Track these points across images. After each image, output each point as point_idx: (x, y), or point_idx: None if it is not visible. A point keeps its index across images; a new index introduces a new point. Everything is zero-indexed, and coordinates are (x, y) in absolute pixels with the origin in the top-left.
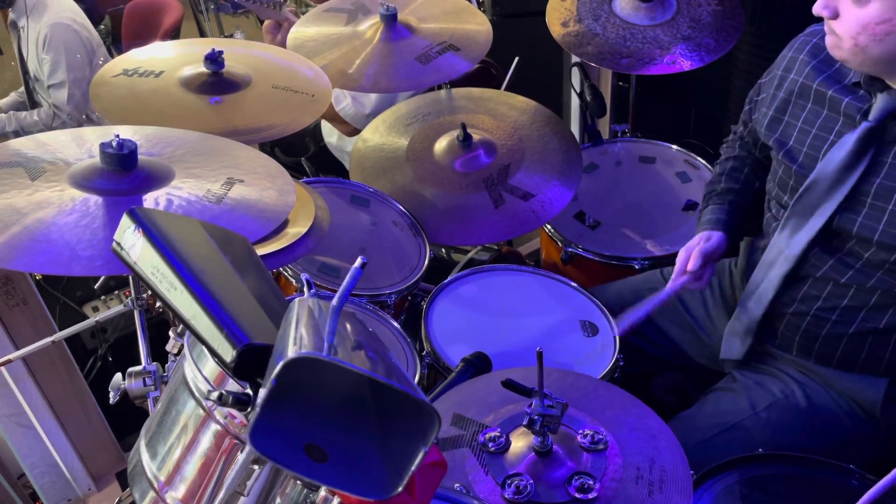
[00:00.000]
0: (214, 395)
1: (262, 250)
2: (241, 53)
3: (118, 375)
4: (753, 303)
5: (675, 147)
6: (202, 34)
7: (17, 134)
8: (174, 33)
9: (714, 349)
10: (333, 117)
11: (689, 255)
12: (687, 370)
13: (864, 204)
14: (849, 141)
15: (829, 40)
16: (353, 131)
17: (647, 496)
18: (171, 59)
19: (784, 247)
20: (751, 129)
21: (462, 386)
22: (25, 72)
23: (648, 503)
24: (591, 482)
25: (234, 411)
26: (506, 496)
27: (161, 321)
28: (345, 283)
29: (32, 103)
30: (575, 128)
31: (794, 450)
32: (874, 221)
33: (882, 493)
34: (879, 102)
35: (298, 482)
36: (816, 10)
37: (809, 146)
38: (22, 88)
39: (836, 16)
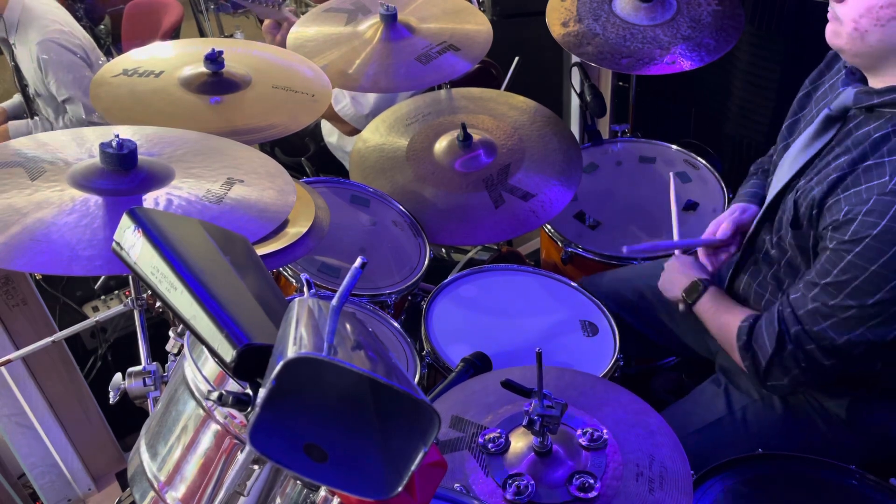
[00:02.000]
0: (214, 395)
1: (262, 250)
2: (241, 53)
3: (118, 375)
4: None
5: (675, 147)
6: (202, 34)
7: None
8: (174, 33)
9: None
10: (333, 117)
11: (720, 225)
12: (687, 366)
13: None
14: (811, 127)
15: (829, 28)
16: (352, 131)
17: (647, 493)
18: (171, 59)
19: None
20: None
21: (460, 387)
22: (24, 86)
23: (650, 500)
24: (591, 481)
25: (234, 411)
26: (507, 497)
27: (161, 321)
28: (345, 283)
29: (31, 113)
30: (575, 128)
31: (769, 450)
32: (791, 199)
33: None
34: (843, 95)
35: (298, 482)
36: None
37: (798, 131)
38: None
39: None
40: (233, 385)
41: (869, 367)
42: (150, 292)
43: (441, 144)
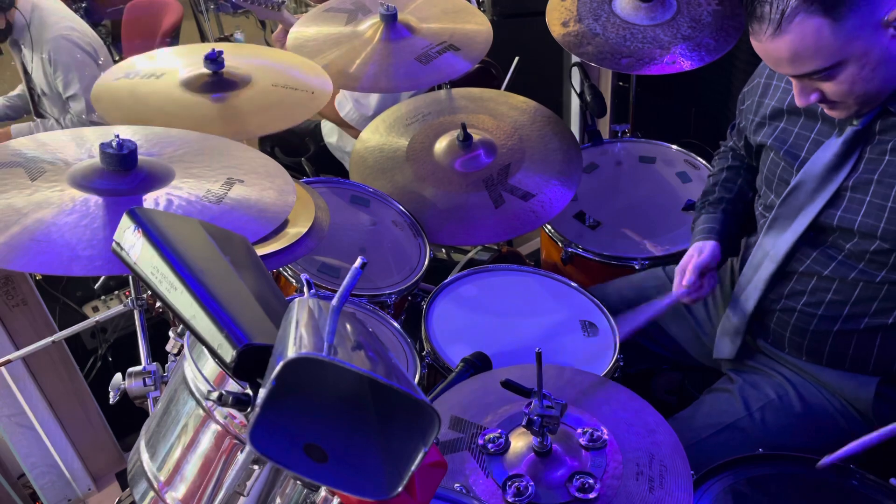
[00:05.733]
0: (214, 395)
1: (262, 250)
2: (241, 56)
3: (118, 375)
4: (742, 301)
5: (675, 147)
6: (202, 34)
7: None
8: (174, 34)
9: (713, 349)
10: (341, 123)
11: (684, 272)
12: (687, 369)
13: (844, 198)
14: (834, 144)
15: (830, 112)
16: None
17: (647, 492)
18: (172, 62)
19: (770, 247)
20: (745, 139)
21: (459, 387)
22: (31, 87)
23: (650, 499)
24: (591, 481)
25: (234, 411)
26: (507, 498)
27: (161, 321)
28: (345, 283)
29: (37, 114)
30: (575, 128)
31: (789, 450)
32: (853, 213)
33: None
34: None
35: (298, 482)
36: (803, 104)
37: (791, 145)
38: (20, 89)
39: (823, 97)
40: (233, 385)
41: None
42: (150, 292)
43: (441, 144)
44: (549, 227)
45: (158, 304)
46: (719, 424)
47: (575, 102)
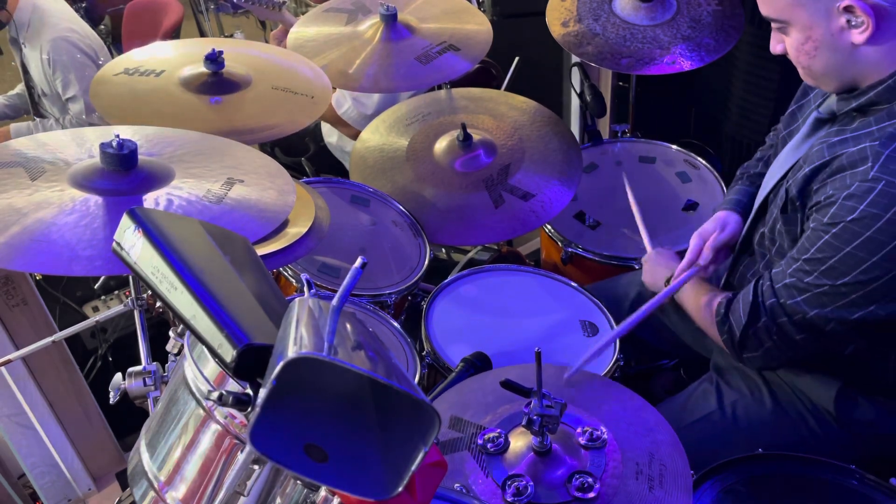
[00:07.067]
0: (214, 395)
1: (262, 250)
2: (241, 53)
3: (118, 375)
4: (721, 271)
5: (675, 147)
6: (202, 34)
7: None
8: (174, 33)
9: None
10: (337, 121)
11: (703, 241)
12: (685, 362)
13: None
14: (805, 126)
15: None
16: (356, 134)
17: (647, 491)
18: (172, 58)
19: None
20: None
21: (458, 387)
22: (31, 87)
23: (649, 498)
24: (591, 481)
25: (234, 411)
26: (506, 498)
27: (161, 321)
28: (345, 283)
29: (37, 114)
30: (575, 128)
31: (759, 446)
32: (777, 197)
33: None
34: (831, 99)
35: (298, 482)
36: (771, 50)
37: (795, 129)
38: (19, 88)
39: (785, 50)
40: (233, 385)
41: (839, 348)
42: (150, 292)
43: (441, 144)
44: (549, 227)
45: (158, 304)
46: (693, 417)
47: (575, 102)
